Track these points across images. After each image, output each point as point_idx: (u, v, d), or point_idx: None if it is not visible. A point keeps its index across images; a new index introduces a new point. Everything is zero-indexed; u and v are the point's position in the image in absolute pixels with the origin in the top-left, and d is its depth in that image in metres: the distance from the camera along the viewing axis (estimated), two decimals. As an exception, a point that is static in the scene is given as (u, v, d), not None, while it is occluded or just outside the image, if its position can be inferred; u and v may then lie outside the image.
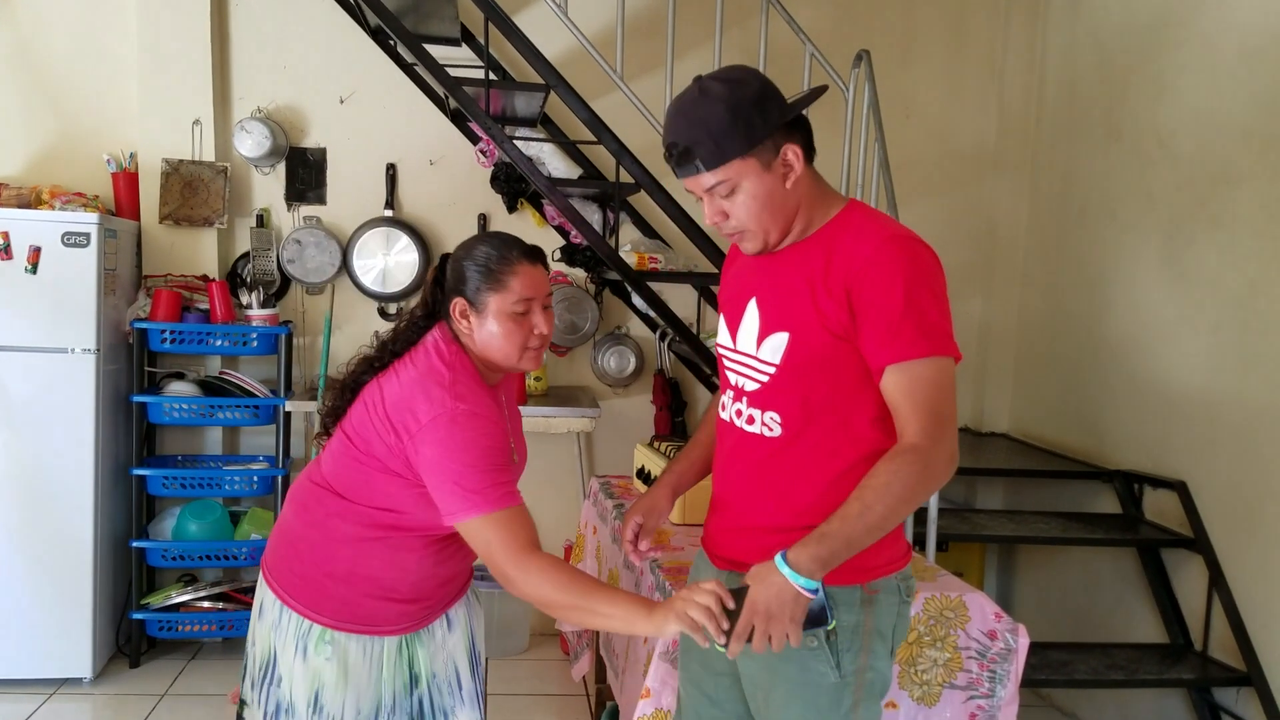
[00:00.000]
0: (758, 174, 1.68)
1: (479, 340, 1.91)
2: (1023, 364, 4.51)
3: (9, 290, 3.54)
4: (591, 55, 3.49)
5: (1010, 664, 2.42)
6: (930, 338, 1.62)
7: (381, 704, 1.98)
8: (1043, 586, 4.19)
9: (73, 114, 4.09)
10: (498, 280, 1.89)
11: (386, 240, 4.19)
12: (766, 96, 1.67)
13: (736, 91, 1.66)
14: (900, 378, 1.63)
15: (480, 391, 1.89)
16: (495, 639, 4.12)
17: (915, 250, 1.67)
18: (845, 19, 4.41)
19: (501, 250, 1.93)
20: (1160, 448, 3.52)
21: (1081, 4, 4.16)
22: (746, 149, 1.66)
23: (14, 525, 3.60)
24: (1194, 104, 3.43)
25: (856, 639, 1.74)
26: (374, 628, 1.95)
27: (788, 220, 1.74)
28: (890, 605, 1.78)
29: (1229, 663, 3.16)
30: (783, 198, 1.71)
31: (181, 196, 4.03)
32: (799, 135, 1.72)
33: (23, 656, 3.63)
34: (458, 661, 2.12)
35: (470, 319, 1.90)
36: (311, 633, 1.92)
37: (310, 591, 1.93)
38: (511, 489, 1.83)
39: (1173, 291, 3.49)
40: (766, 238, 1.74)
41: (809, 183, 1.74)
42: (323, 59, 4.18)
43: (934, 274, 1.67)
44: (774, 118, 1.67)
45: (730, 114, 1.64)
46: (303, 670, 1.92)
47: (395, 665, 1.99)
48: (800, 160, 1.71)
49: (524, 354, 1.92)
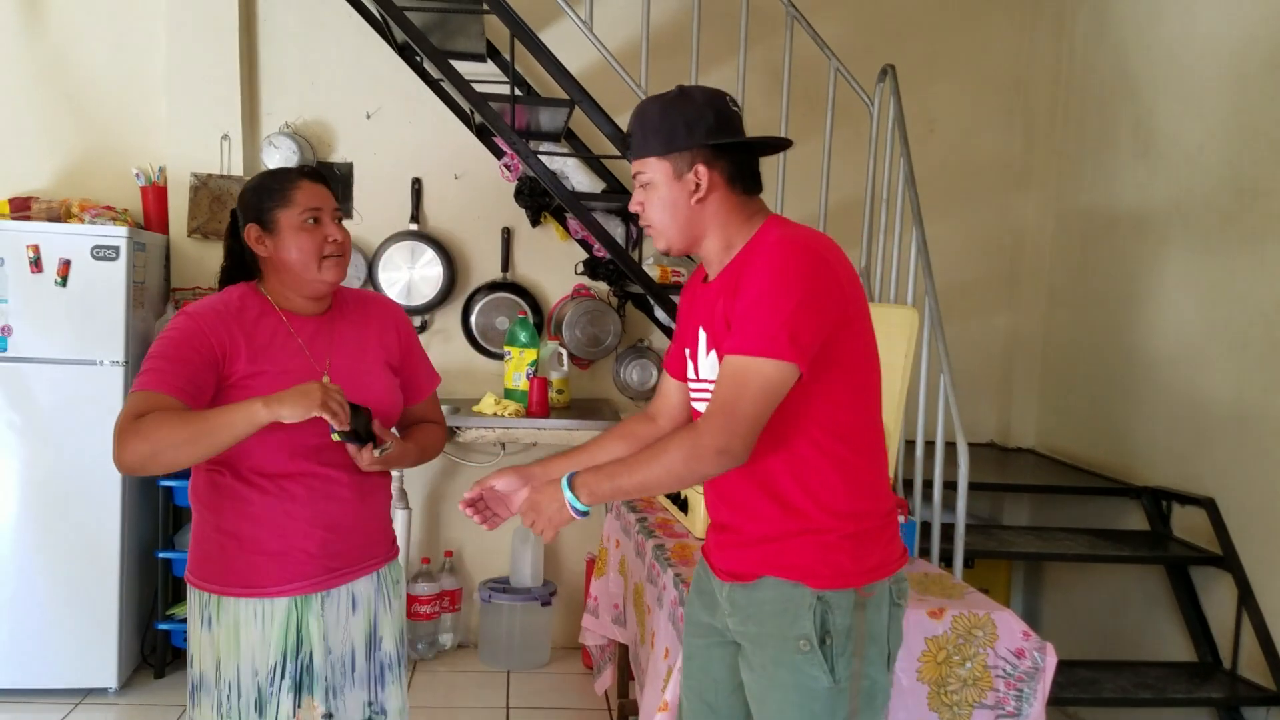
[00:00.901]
0: (668, 179, 1.80)
1: (278, 259, 1.99)
2: (1049, 379, 4.48)
3: (39, 303, 3.58)
4: (616, 71, 3.51)
5: (1038, 682, 2.40)
6: (763, 338, 1.66)
7: (275, 664, 1.99)
8: (1070, 604, 4.15)
9: (102, 128, 4.14)
10: (282, 196, 1.99)
11: (411, 253, 4.21)
12: (701, 117, 1.77)
13: (679, 102, 1.79)
14: (724, 369, 1.71)
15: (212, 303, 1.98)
16: (517, 652, 4.12)
17: (789, 251, 1.71)
18: (869, 34, 4.41)
19: (280, 172, 2.06)
20: (1188, 464, 3.49)
21: (1106, 19, 4.14)
22: (661, 152, 1.79)
23: (42, 536, 3.64)
24: (1222, 118, 3.41)
25: (850, 643, 1.76)
26: (261, 589, 1.98)
27: (691, 233, 1.83)
28: (881, 608, 1.79)
29: (1259, 681, 3.12)
30: (687, 210, 1.80)
31: (210, 210, 4.07)
32: (723, 163, 1.79)
33: (48, 667, 3.65)
34: (355, 642, 2.10)
35: (266, 241, 1.99)
36: (210, 603, 1.99)
37: (202, 563, 2.01)
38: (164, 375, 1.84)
39: (1201, 306, 3.47)
40: (668, 240, 1.85)
41: (730, 207, 1.82)
42: (350, 75, 4.22)
43: (802, 276, 1.68)
44: (697, 136, 1.77)
45: (661, 117, 1.79)
46: (208, 641, 1.99)
47: (283, 628, 1.99)
48: (708, 182, 1.78)
49: (322, 263, 2.00)
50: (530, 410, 3.90)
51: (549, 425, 3.88)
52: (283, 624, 1.99)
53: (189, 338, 1.91)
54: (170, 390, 1.83)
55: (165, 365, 1.87)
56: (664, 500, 3.26)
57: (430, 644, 4.18)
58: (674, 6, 4.09)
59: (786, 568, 1.78)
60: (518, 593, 4.12)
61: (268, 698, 1.98)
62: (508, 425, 3.85)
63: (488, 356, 4.34)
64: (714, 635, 1.94)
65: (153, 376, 1.85)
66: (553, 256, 4.36)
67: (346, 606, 2.07)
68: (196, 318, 1.94)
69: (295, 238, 1.97)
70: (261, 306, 2.01)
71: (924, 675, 2.36)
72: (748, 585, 1.83)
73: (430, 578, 4.17)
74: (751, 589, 1.82)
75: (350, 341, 2.09)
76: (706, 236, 1.83)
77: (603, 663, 3.49)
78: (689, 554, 2.75)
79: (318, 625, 2.02)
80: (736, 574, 1.85)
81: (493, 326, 4.30)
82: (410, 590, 4.10)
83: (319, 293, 2.05)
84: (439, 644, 4.23)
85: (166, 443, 1.75)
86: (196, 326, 1.92)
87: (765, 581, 1.80)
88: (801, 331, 1.66)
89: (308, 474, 1.99)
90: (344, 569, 2.06)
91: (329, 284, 2.03)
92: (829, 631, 1.74)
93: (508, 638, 4.12)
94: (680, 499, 3.08)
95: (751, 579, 1.82)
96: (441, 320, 4.35)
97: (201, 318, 1.94)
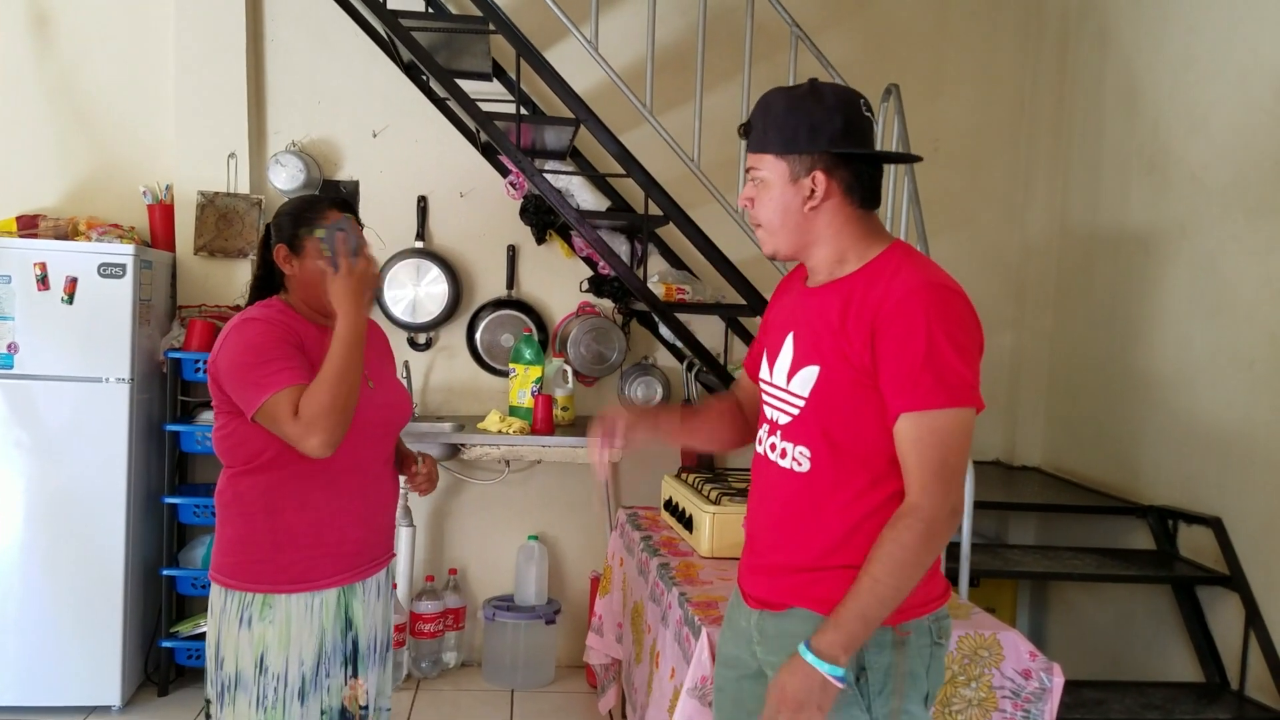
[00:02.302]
0: (783, 180, 1.73)
1: (302, 279, 2.12)
2: (1055, 398, 4.47)
3: (45, 320, 3.59)
4: (621, 90, 3.52)
5: (1045, 703, 2.38)
6: (949, 388, 1.62)
7: (323, 652, 2.12)
8: (1076, 623, 4.13)
9: (110, 146, 4.16)
10: (311, 222, 2.11)
11: (417, 271, 4.22)
12: (829, 120, 1.70)
13: (809, 101, 1.71)
14: (911, 427, 1.64)
15: (267, 314, 2.09)
16: (521, 671, 4.11)
17: (945, 298, 1.66)
18: (874, 53, 4.43)
19: (312, 200, 2.19)
20: (1195, 483, 3.48)
21: (1110, 40, 4.15)
22: (780, 151, 1.72)
23: (46, 552, 3.64)
24: (1228, 138, 3.41)
25: (889, 681, 1.72)
26: (312, 583, 2.09)
27: (801, 240, 1.77)
28: (922, 647, 1.74)
29: (1266, 703, 3.10)
30: (799, 216, 1.74)
31: (216, 228, 4.09)
32: (843, 172, 1.72)
33: (52, 684, 3.65)
34: (377, 627, 2.26)
35: (292, 261, 2.12)
36: (255, 603, 2.06)
37: (245, 567, 2.08)
38: (289, 368, 1.98)
39: (1207, 326, 3.46)
40: (775, 244, 1.79)
41: (845, 219, 1.75)
42: (356, 94, 4.24)
43: (963, 322, 1.66)
44: (820, 142, 1.69)
45: (786, 114, 1.71)
46: (247, 639, 2.06)
47: (335, 616, 2.13)
48: (824, 191, 1.72)
49: None
50: (535, 427, 3.90)
51: (554, 443, 3.88)
52: (334, 612, 2.13)
53: (279, 334, 2.04)
54: (302, 379, 1.98)
55: (281, 362, 1.99)
56: (668, 518, 3.25)
57: (434, 662, 4.17)
58: (679, 25, 4.11)
59: (819, 600, 1.71)
60: (522, 611, 4.11)
61: (311, 684, 2.09)
62: (512, 442, 3.84)
63: (492, 374, 4.35)
64: (742, 667, 1.90)
65: (281, 374, 1.97)
66: (558, 274, 4.37)
67: (374, 594, 2.23)
68: (268, 320, 2.07)
69: (319, 262, 2.09)
70: (297, 318, 2.14)
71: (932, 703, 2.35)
72: (777, 615, 1.79)
73: (434, 595, 4.16)
74: (781, 619, 1.78)
75: (370, 357, 2.22)
76: (817, 245, 1.77)
77: (607, 682, 3.48)
78: (694, 573, 2.74)
79: (361, 609, 2.18)
80: (766, 602, 1.81)
81: (497, 344, 4.30)
82: (414, 608, 4.09)
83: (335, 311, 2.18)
84: (443, 662, 4.21)
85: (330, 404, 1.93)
86: (275, 325, 2.06)
87: (795, 612, 1.76)
88: (977, 374, 1.67)
89: (359, 469, 2.14)
90: (377, 558, 2.23)
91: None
92: (864, 668, 1.70)
93: (512, 656, 4.10)
94: (685, 516, 3.06)
95: (781, 609, 1.78)
96: (446, 337, 4.36)
97: (271, 320, 2.07)
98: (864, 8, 4.51)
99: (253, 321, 2.06)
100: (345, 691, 2.16)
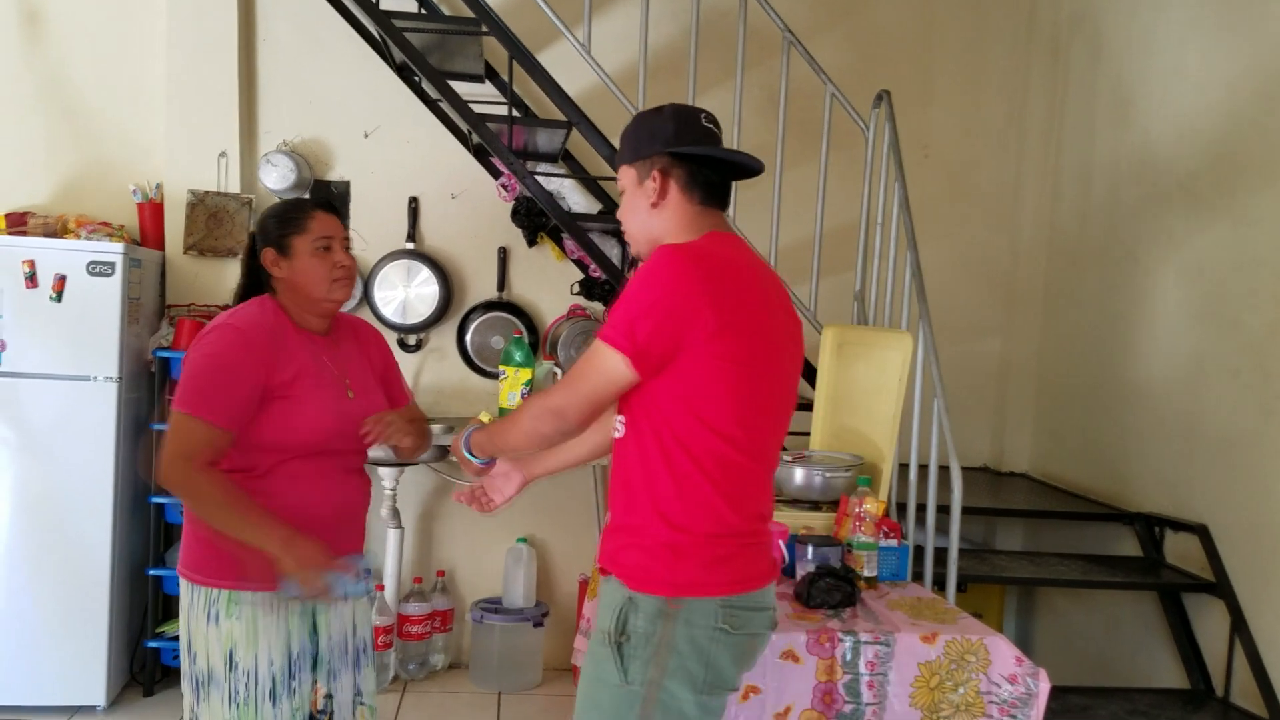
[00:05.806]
0: (634, 185, 1.92)
1: (292, 280, 2.17)
2: (1043, 404, 4.49)
3: (34, 318, 3.58)
4: (613, 93, 3.52)
5: (1031, 709, 2.38)
6: (610, 327, 1.76)
7: (291, 653, 2.14)
8: (1062, 629, 4.14)
9: (100, 145, 4.15)
10: (298, 225, 2.17)
11: (408, 272, 4.22)
12: (663, 127, 1.88)
13: (651, 115, 1.92)
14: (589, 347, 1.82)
15: (254, 318, 2.12)
16: (509, 673, 4.10)
17: (662, 256, 1.77)
18: (865, 59, 4.44)
19: (298, 203, 2.26)
20: (1181, 490, 3.49)
21: (1101, 48, 4.18)
22: (629, 159, 1.92)
23: (32, 551, 3.62)
24: (1216, 147, 3.43)
25: (648, 648, 1.76)
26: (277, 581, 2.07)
27: (647, 237, 1.91)
28: (701, 627, 1.76)
29: (1251, 710, 3.11)
30: (645, 214, 1.90)
31: (206, 227, 4.08)
32: (679, 170, 1.87)
33: (36, 684, 3.63)
34: (346, 627, 2.27)
35: (281, 264, 2.16)
36: (220, 598, 2.08)
37: (213, 562, 2.09)
38: (218, 405, 2.01)
39: (1193, 333, 3.48)
40: (637, 246, 1.95)
41: (687, 215, 1.89)
42: (348, 94, 4.23)
43: (662, 281, 1.75)
44: (657, 144, 1.87)
45: (634, 129, 1.93)
46: (215, 635, 2.08)
47: (300, 616, 2.15)
48: (661, 187, 1.87)
49: (332, 285, 2.18)
50: (524, 430, 3.88)
51: (543, 445, 3.87)
52: (299, 611, 2.14)
53: (242, 358, 2.05)
54: (222, 422, 2.01)
55: (217, 393, 2.01)
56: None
57: (421, 664, 4.16)
58: (672, 30, 4.11)
59: (619, 565, 1.84)
60: (510, 613, 4.11)
61: (282, 685, 2.11)
62: (502, 445, 3.83)
63: (483, 375, 4.34)
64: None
65: (204, 404, 2.00)
66: (549, 276, 4.37)
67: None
68: (246, 333, 2.08)
69: (308, 262, 2.15)
70: (286, 320, 2.18)
71: (916, 700, 2.36)
72: (604, 578, 1.91)
73: (422, 597, 4.15)
74: (605, 582, 1.90)
75: (354, 359, 2.28)
76: (663, 240, 1.86)
77: (594, 685, 3.47)
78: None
79: (325, 613, 2.20)
80: (602, 566, 1.92)
81: (488, 345, 4.30)
82: (402, 610, 4.08)
83: (327, 311, 2.24)
84: (430, 664, 4.20)
85: (204, 512, 2.01)
86: (247, 345, 2.07)
87: (610, 576, 1.87)
88: (639, 331, 1.72)
89: (328, 475, 2.17)
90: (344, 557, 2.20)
91: (337, 302, 2.22)
92: (626, 632, 1.77)
93: (500, 658, 4.10)
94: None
95: (604, 574, 1.90)
96: (437, 339, 4.35)
97: (249, 334, 2.08)
98: (856, 14, 4.52)
99: (230, 329, 2.09)
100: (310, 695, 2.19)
